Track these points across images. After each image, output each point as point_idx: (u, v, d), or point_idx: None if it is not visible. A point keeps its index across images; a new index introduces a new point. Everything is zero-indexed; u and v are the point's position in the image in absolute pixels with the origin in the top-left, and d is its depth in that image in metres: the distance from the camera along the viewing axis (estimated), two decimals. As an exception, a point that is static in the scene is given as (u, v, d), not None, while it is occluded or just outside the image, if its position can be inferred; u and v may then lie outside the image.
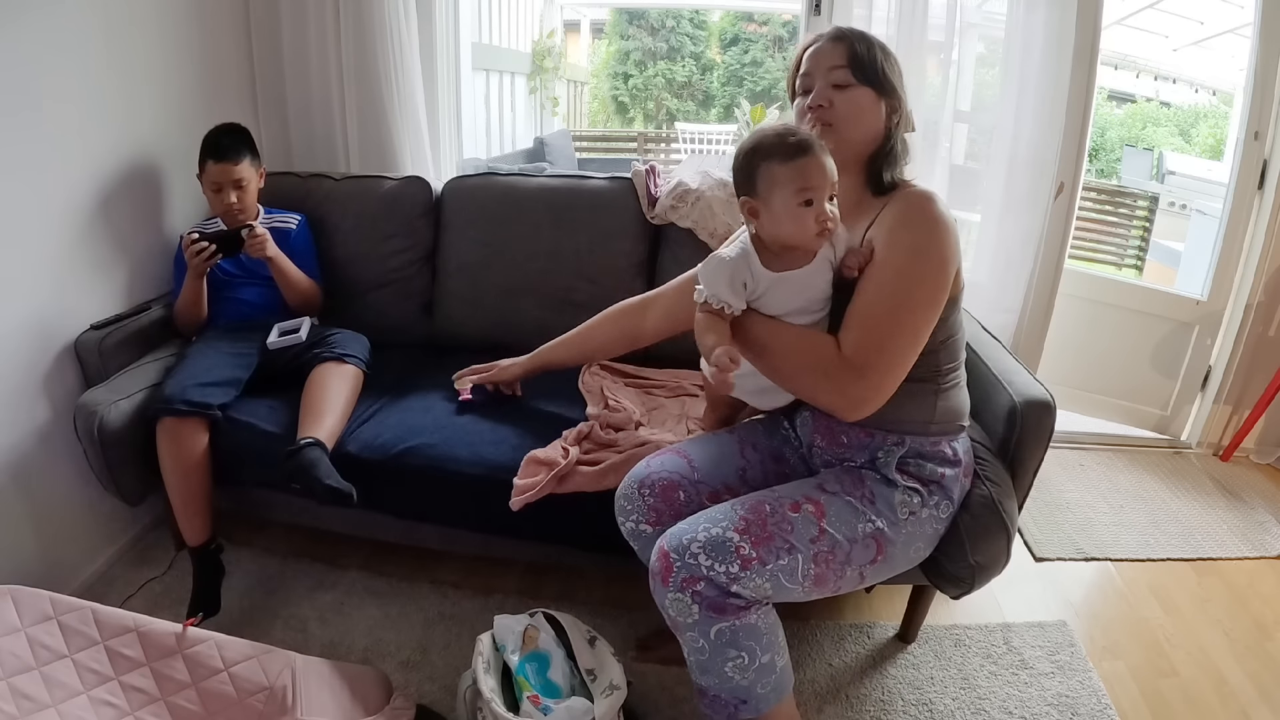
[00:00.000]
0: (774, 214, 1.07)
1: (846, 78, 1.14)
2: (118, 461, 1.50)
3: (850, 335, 1.08)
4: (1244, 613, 1.72)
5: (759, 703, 1.10)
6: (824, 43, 1.18)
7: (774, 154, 1.06)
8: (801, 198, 1.05)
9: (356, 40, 2.02)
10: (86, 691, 1.13)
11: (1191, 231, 3.46)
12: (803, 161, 1.04)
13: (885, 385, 1.08)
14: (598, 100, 10.05)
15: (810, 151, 1.05)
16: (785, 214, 1.06)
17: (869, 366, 1.06)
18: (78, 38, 1.56)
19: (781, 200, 1.06)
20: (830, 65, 1.15)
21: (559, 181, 1.98)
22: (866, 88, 1.14)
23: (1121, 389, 2.50)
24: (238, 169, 1.70)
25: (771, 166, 1.06)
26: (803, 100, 1.18)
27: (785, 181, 1.05)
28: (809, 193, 1.04)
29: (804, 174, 1.04)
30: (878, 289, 1.08)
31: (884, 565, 1.15)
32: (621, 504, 1.26)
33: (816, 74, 1.16)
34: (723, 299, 1.10)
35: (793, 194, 1.05)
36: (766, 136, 1.08)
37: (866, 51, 1.14)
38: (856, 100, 1.14)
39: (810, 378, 1.11)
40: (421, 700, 1.36)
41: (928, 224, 1.09)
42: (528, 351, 1.95)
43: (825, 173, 1.05)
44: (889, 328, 1.07)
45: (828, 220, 1.06)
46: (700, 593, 1.04)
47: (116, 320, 1.66)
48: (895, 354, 1.07)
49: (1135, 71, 7.05)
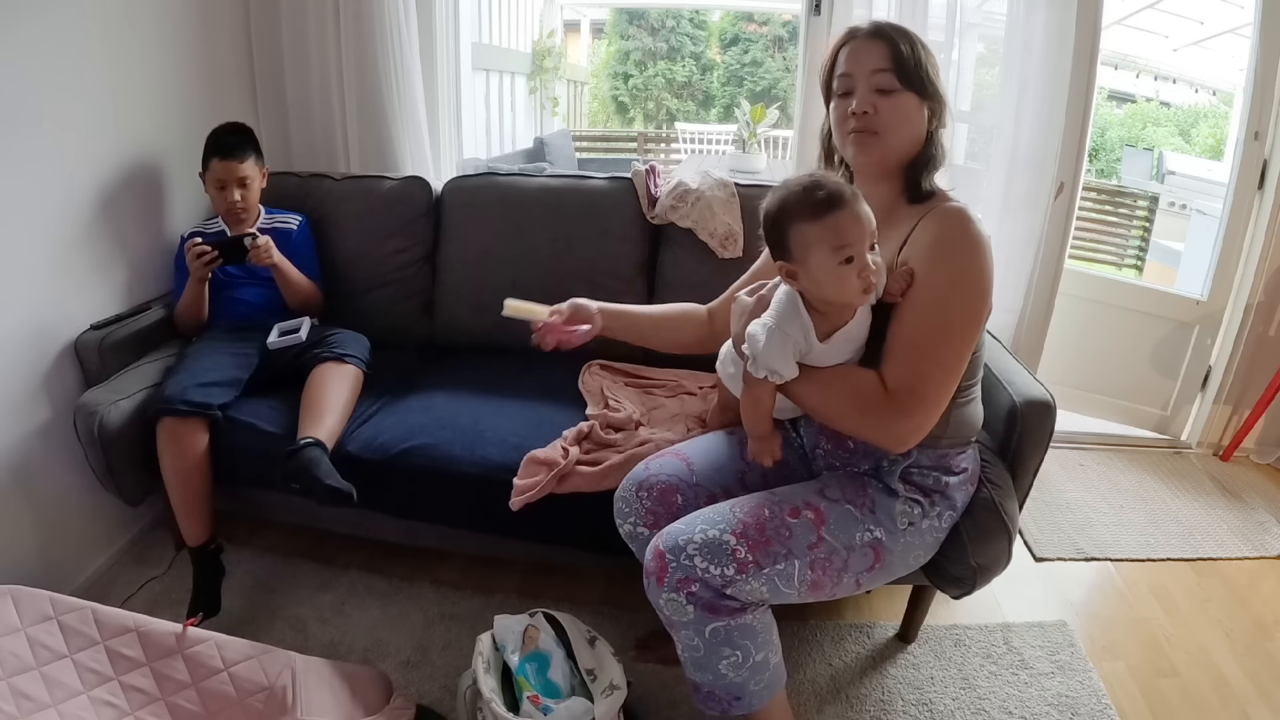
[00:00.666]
0: (813, 276, 1.00)
1: (891, 82, 1.08)
2: (118, 461, 1.50)
3: (894, 369, 1.04)
4: (1244, 613, 1.72)
5: (752, 699, 1.11)
6: (863, 40, 1.11)
7: (803, 212, 0.99)
8: (840, 256, 0.97)
9: (356, 40, 2.02)
10: (86, 691, 1.13)
11: (1191, 231, 3.47)
12: (835, 217, 0.97)
13: (931, 417, 1.04)
14: (598, 100, 10.05)
15: (843, 204, 0.97)
16: (825, 275, 0.99)
17: (914, 401, 1.03)
18: (78, 38, 1.56)
19: (819, 261, 0.98)
20: (873, 68, 1.09)
21: (559, 181, 1.98)
22: (911, 93, 1.08)
23: (1121, 389, 2.50)
24: (243, 167, 1.70)
25: (803, 227, 0.99)
26: (842, 103, 1.12)
27: (820, 240, 0.98)
28: (847, 249, 0.97)
29: (838, 230, 0.96)
30: (919, 320, 1.04)
31: (881, 572, 1.15)
32: (619, 506, 1.26)
33: (858, 75, 1.10)
34: (776, 370, 1.05)
35: (830, 253, 0.97)
36: (792, 193, 1.01)
37: (910, 52, 1.08)
38: (902, 107, 1.08)
39: (856, 416, 1.07)
40: (421, 700, 1.36)
41: (968, 247, 1.04)
42: (526, 350, 1.95)
43: (862, 224, 0.98)
44: (932, 359, 1.03)
45: (871, 275, 0.98)
46: (695, 594, 1.04)
47: (116, 320, 1.66)
48: (939, 385, 1.04)
49: (1135, 71, 7.05)
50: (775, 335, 1.03)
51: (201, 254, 1.61)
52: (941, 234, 1.05)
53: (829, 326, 1.05)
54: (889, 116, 1.08)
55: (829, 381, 1.07)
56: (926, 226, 1.07)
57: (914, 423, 1.04)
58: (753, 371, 1.07)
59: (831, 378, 1.08)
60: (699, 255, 1.86)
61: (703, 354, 1.42)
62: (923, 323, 1.04)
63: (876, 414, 1.04)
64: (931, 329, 1.03)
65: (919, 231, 1.08)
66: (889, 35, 1.10)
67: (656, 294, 1.91)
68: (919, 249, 1.06)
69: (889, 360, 1.05)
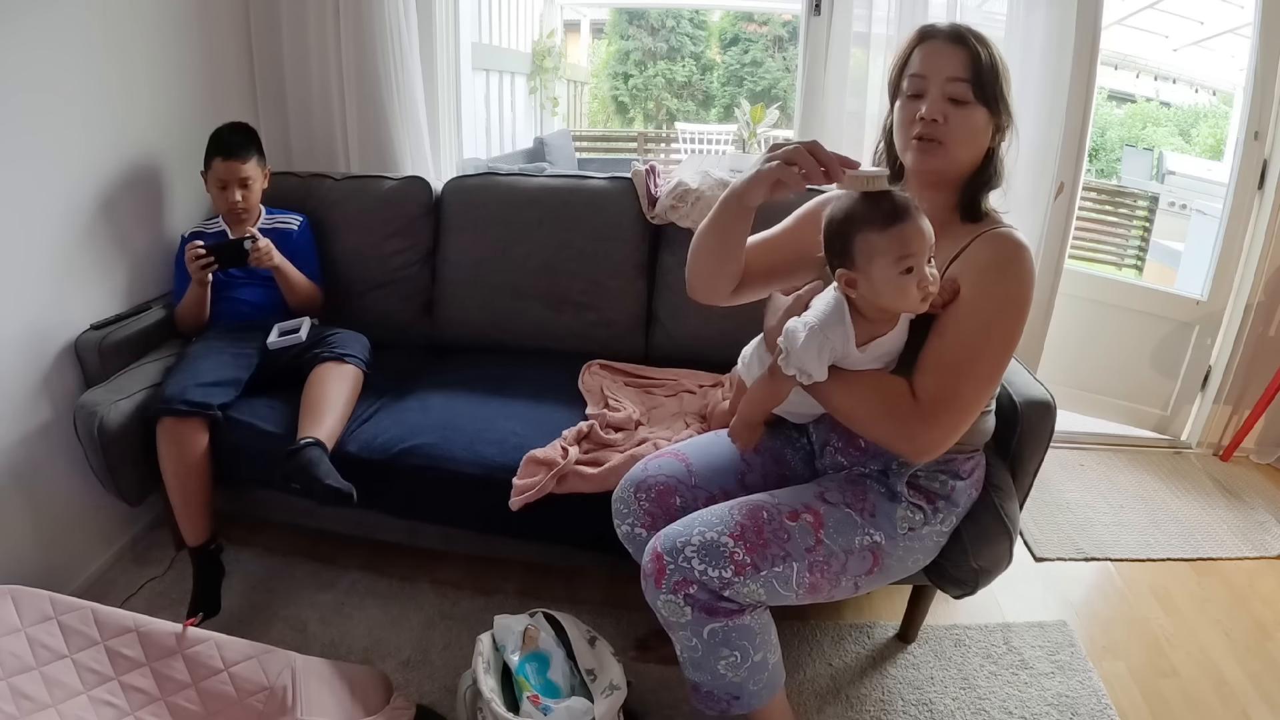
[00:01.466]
0: (874, 285, 1.01)
1: (965, 93, 1.05)
2: (118, 461, 1.50)
3: (927, 381, 1.04)
4: (1244, 613, 1.72)
5: (751, 699, 1.11)
6: (942, 42, 1.07)
7: (870, 222, 0.99)
8: (902, 266, 0.98)
9: (356, 40, 2.02)
10: (86, 691, 1.13)
11: (1191, 231, 3.46)
12: (900, 228, 0.97)
13: (956, 432, 1.04)
14: (598, 100, 10.04)
15: (908, 216, 0.98)
16: (886, 284, 1.00)
17: (943, 415, 1.02)
18: (78, 38, 1.56)
19: (881, 270, 0.99)
20: (950, 75, 1.05)
21: (559, 181, 1.98)
22: (983, 107, 1.06)
23: (1121, 389, 2.50)
24: (245, 167, 1.71)
25: (869, 236, 0.99)
26: (910, 105, 1.09)
27: (884, 250, 0.98)
28: (910, 260, 0.98)
29: (904, 241, 0.97)
30: (960, 337, 1.03)
31: (880, 576, 1.14)
32: (618, 507, 1.25)
33: (931, 79, 1.07)
34: (808, 370, 1.04)
35: (893, 262, 0.98)
36: (860, 202, 1.00)
37: (990, 65, 1.05)
38: (972, 121, 1.06)
39: (882, 422, 1.06)
40: (421, 700, 1.35)
41: (1021, 278, 1.04)
42: (526, 350, 1.95)
43: (924, 237, 0.99)
44: (966, 376, 1.03)
45: (929, 285, 1.00)
46: (693, 595, 1.04)
47: (116, 320, 1.66)
48: (969, 402, 1.04)
49: (1135, 71, 7.05)
50: (816, 336, 1.03)
51: (198, 258, 1.61)
52: (998, 259, 1.05)
53: (869, 334, 1.06)
54: (958, 128, 1.06)
55: (858, 385, 1.07)
56: (981, 248, 1.07)
57: (939, 434, 1.03)
58: (783, 366, 1.07)
59: (861, 381, 1.07)
60: (699, 255, 1.85)
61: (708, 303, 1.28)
62: (963, 340, 1.03)
63: (903, 422, 1.04)
64: (970, 348, 1.03)
65: (973, 250, 1.07)
66: (970, 42, 1.06)
67: (656, 294, 1.91)
68: (970, 268, 1.05)
69: (923, 371, 1.05)
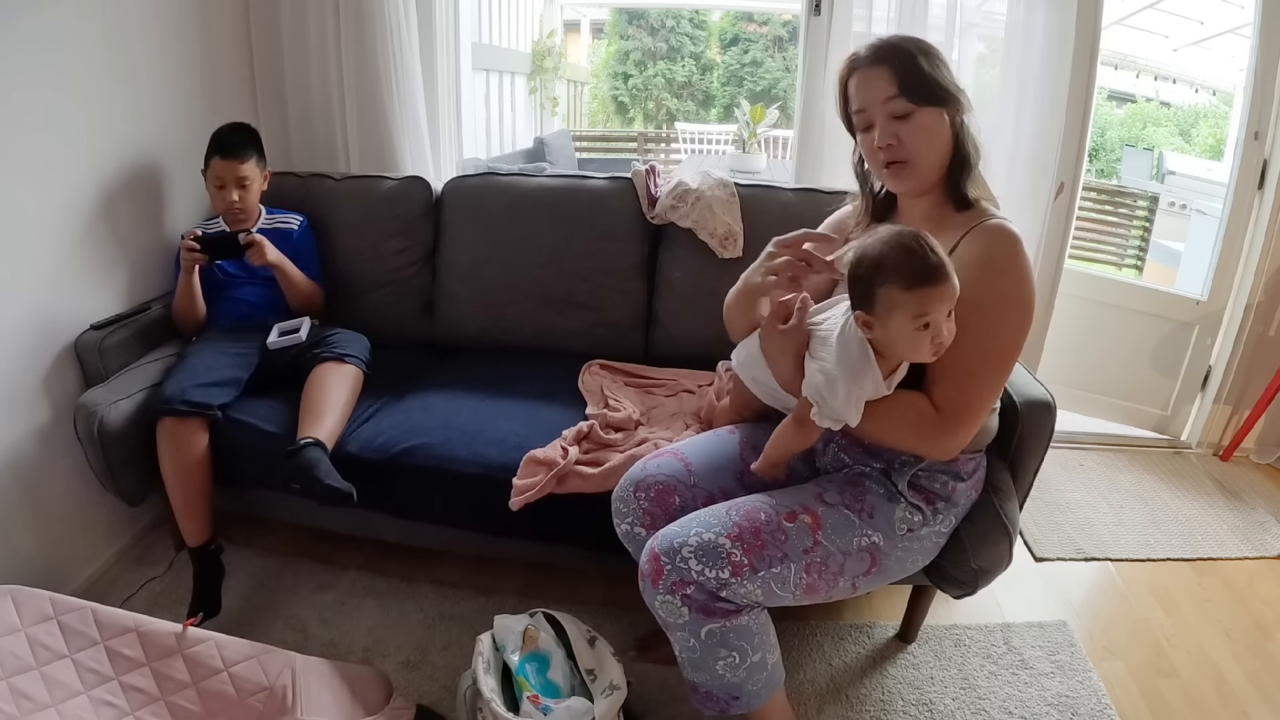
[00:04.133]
0: (889, 334, 1.02)
1: (904, 106, 1.08)
2: (118, 461, 1.50)
3: (943, 389, 1.06)
4: (1244, 613, 1.72)
5: (751, 699, 1.11)
6: (866, 68, 1.10)
7: (898, 278, 0.98)
8: (919, 323, 0.99)
9: (356, 40, 2.02)
10: (86, 691, 1.13)
11: (1191, 231, 3.46)
12: (925, 291, 0.98)
13: (975, 428, 1.09)
14: (598, 100, 10.04)
15: (936, 280, 0.98)
16: (901, 336, 1.01)
17: (965, 417, 1.06)
18: (77, 38, 1.56)
19: (899, 324, 1.00)
20: (883, 97, 1.08)
21: (559, 181, 1.98)
22: (927, 108, 1.08)
23: (1121, 389, 2.49)
24: (242, 168, 1.70)
25: (893, 292, 0.99)
26: (866, 138, 1.13)
27: (905, 307, 0.99)
28: (927, 318, 0.99)
29: (926, 303, 0.98)
30: (968, 340, 1.03)
31: (878, 577, 1.15)
32: (617, 506, 1.25)
33: (872, 109, 1.10)
34: (844, 420, 1.05)
35: (910, 319, 0.99)
36: (892, 253, 0.99)
37: (913, 68, 1.07)
38: (922, 126, 1.08)
39: (912, 440, 1.10)
40: (421, 700, 1.35)
41: (1016, 269, 1.06)
42: (526, 350, 1.95)
43: (947, 299, 0.99)
44: (980, 378, 1.06)
45: (944, 339, 1.00)
46: (690, 596, 1.04)
47: (116, 320, 1.66)
48: (985, 400, 1.08)
49: (1135, 71, 7.05)
50: (852, 391, 1.04)
51: (189, 249, 1.62)
52: (991, 255, 1.06)
53: (889, 368, 1.06)
54: (913, 141, 1.09)
55: (884, 412, 1.08)
56: (973, 243, 1.08)
57: (964, 435, 1.08)
58: (816, 420, 1.07)
59: (886, 409, 1.08)
60: (699, 255, 1.86)
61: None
62: (971, 343, 1.04)
63: (930, 435, 1.07)
64: (979, 350, 1.04)
65: (965, 245, 1.08)
66: (887, 57, 1.09)
67: (656, 294, 1.91)
68: (966, 265, 1.05)
69: (937, 381, 1.07)
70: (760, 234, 1.81)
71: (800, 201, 1.84)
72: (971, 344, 1.03)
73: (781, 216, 1.81)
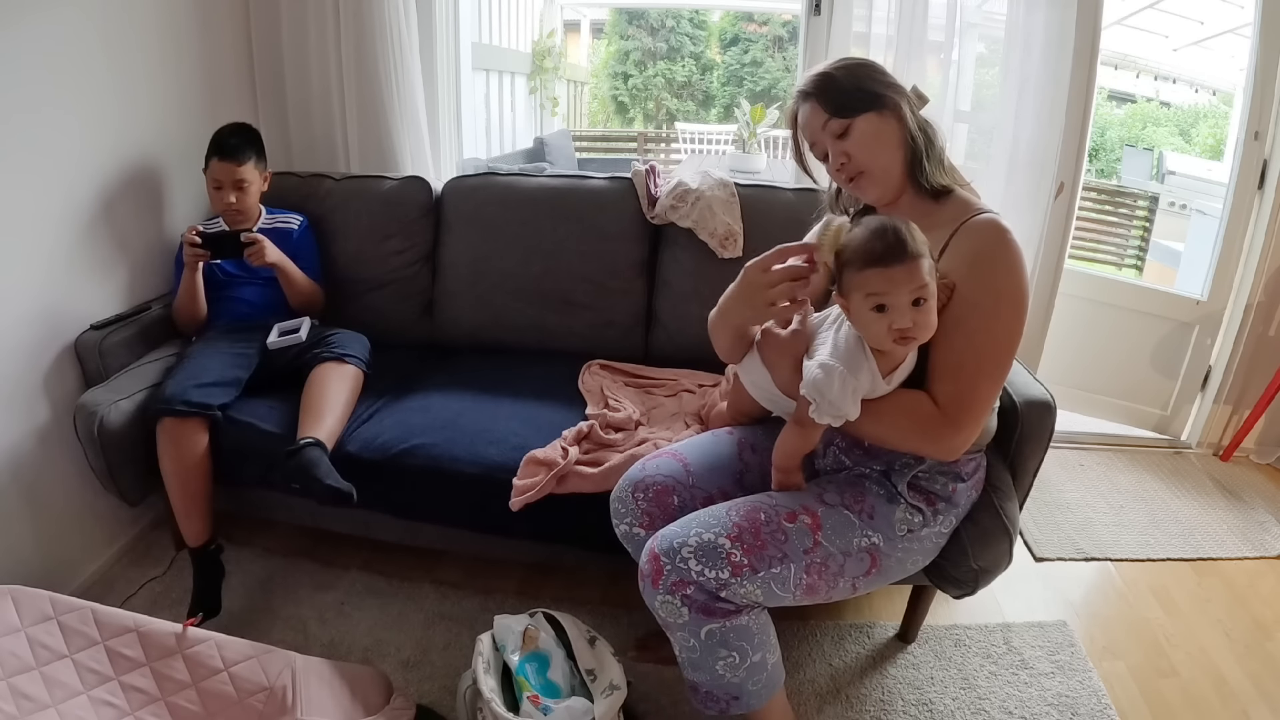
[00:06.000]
0: (855, 315, 1.04)
1: (839, 125, 1.12)
2: (118, 461, 1.50)
3: (944, 388, 1.07)
4: (1244, 613, 1.72)
5: (751, 699, 1.11)
6: (802, 106, 1.17)
7: (857, 258, 1.01)
8: (873, 303, 1.00)
9: (356, 40, 2.02)
10: (86, 691, 1.13)
11: (1191, 231, 3.46)
12: (879, 271, 0.98)
13: (980, 426, 1.09)
14: (598, 100, 10.04)
15: (890, 262, 0.98)
16: (859, 317, 1.03)
17: (967, 415, 1.06)
18: (77, 39, 1.56)
19: (856, 304, 1.02)
20: (819, 126, 1.14)
21: (559, 181, 1.98)
22: (860, 115, 1.11)
23: (1121, 389, 2.49)
24: (240, 169, 1.70)
25: (850, 273, 1.01)
26: (825, 166, 1.19)
27: (858, 287, 1.01)
28: (878, 299, 0.99)
29: (879, 282, 0.99)
30: (966, 337, 1.04)
31: (878, 577, 1.15)
32: (616, 507, 1.25)
33: (819, 140, 1.16)
34: (844, 414, 1.05)
35: (864, 298, 1.01)
36: (861, 235, 1.02)
37: (834, 88, 1.12)
38: (863, 134, 1.11)
39: (915, 440, 1.10)
40: (421, 700, 1.35)
41: (1008, 261, 1.06)
42: (526, 350, 1.95)
43: (903, 282, 0.98)
44: (981, 374, 1.06)
45: (909, 330, 1.00)
46: (690, 596, 1.04)
47: (116, 320, 1.66)
48: (988, 396, 1.08)
49: (1135, 71, 7.05)
50: (847, 381, 1.03)
51: (193, 244, 1.62)
52: (982, 250, 1.07)
53: (891, 364, 1.07)
54: (859, 152, 1.12)
55: (885, 412, 1.08)
56: (963, 240, 1.08)
57: (967, 433, 1.08)
58: (815, 417, 1.06)
59: (888, 408, 1.08)
60: (699, 255, 1.86)
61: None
62: (970, 340, 1.04)
63: (934, 434, 1.07)
64: (978, 346, 1.05)
65: (958, 243, 1.09)
66: (812, 92, 1.14)
67: (656, 294, 1.91)
68: (960, 262, 1.07)
69: (938, 378, 1.07)
70: (760, 234, 1.82)
71: (800, 201, 1.83)
72: (968, 340, 1.04)
73: (782, 217, 1.81)
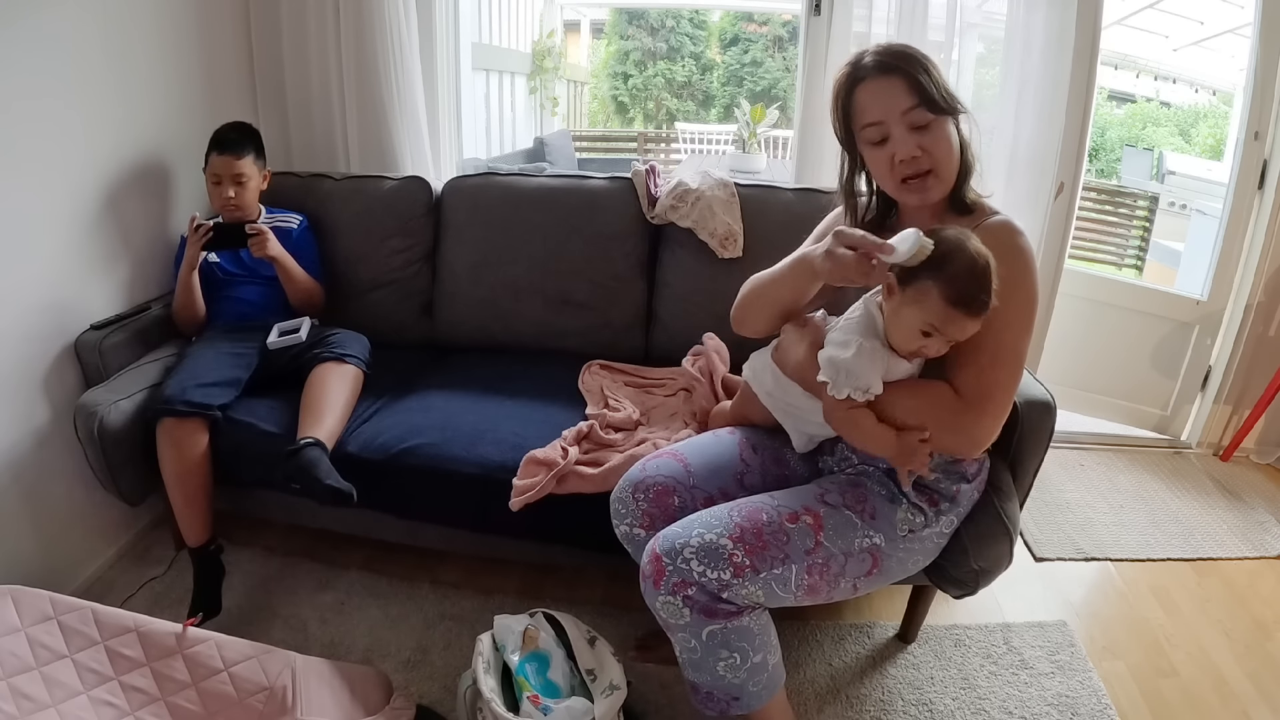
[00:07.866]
0: (897, 313, 1.04)
1: (925, 117, 1.06)
2: (118, 461, 1.50)
3: (966, 377, 1.07)
4: (1244, 613, 1.72)
5: (751, 699, 1.11)
6: (877, 80, 1.08)
7: (946, 286, 0.98)
8: (926, 326, 1.02)
9: (356, 40, 2.02)
10: (86, 691, 1.13)
11: (1191, 231, 3.46)
12: (957, 314, 0.99)
13: (1003, 417, 1.08)
14: (598, 100, 10.04)
15: (970, 313, 0.99)
16: (903, 323, 1.04)
17: (990, 404, 1.06)
18: (77, 38, 1.56)
19: (910, 315, 1.02)
20: (903, 108, 1.06)
21: (559, 181, 1.98)
22: (944, 117, 1.07)
23: (1121, 389, 2.49)
24: (239, 164, 1.71)
25: (932, 289, 0.99)
26: (879, 152, 1.10)
27: (929, 310, 1.00)
28: (936, 330, 1.02)
29: (946, 321, 1.00)
30: (985, 327, 1.04)
31: (879, 577, 1.15)
32: (616, 507, 1.25)
33: (890, 121, 1.07)
34: (869, 385, 1.05)
35: (923, 321, 1.01)
36: (962, 262, 0.98)
37: (928, 79, 1.05)
38: (945, 136, 1.08)
39: (938, 430, 1.09)
40: (421, 700, 1.36)
41: (1024, 260, 1.08)
42: (526, 350, 1.94)
43: (962, 331, 1.01)
44: (1000, 364, 1.06)
45: (929, 354, 1.05)
46: (691, 597, 1.04)
47: (116, 320, 1.66)
48: (1009, 387, 1.08)
49: (1135, 71, 7.05)
50: (865, 350, 1.04)
51: (200, 227, 1.62)
52: (1000, 248, 1.06)
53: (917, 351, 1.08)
54: (937, 151, 1.07)
55: (908, 399, 1.08)
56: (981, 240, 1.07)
57: (990, 423, 1.07)
58: (836, 394, 1.07)
59: (909, 396, 1.09)
60: (699, 255, 1.85)
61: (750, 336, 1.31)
62: (989, 330, 1.04)
63: (957, 424, 1.07)
64: (997, 335, 1.05)
65: None
66: (900, 68, 1.06)
67: (656, 294, 1.91)
68: None
69: (959, 370, 1.08)
70: (760, 234, 1.82)
71: (800, 201, 1.84)
72: (987, 330, 1.05)
73: (782, 217, 1.81)
